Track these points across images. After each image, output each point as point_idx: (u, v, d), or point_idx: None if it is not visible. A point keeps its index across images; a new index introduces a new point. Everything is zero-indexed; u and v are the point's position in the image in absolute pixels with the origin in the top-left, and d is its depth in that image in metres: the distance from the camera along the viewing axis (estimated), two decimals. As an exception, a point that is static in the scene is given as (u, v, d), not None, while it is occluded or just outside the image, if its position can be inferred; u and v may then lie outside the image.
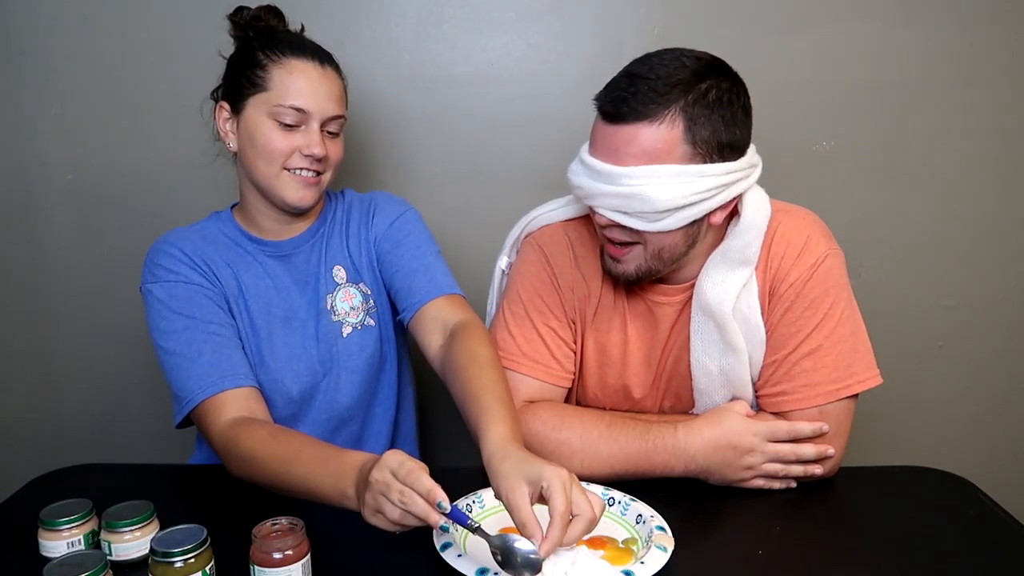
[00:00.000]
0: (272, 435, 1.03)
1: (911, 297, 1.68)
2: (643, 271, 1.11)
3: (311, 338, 1.25)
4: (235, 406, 1.10)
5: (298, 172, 1.19)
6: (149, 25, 1.55)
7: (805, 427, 1.08)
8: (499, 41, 1.58)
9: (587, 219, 1.24)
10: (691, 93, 1.01)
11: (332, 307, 1.27)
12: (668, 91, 1.01)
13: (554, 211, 1.26)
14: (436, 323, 1.20)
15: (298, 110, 1.16)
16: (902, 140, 1.61)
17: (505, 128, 1.61)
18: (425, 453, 1.35)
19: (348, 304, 1.27)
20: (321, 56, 1.20)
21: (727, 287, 1.11)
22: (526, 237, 1.27)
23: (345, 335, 1.26)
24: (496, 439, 0.91)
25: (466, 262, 1.53)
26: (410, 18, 1.56)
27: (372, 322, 1.29)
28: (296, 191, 1.20)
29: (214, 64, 1.53)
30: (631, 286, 1.18)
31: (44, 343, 1.70)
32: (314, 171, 1.20)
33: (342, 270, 1.29)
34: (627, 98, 1.01)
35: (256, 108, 1.18)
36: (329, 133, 1.21)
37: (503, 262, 1.32)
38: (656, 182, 1.01)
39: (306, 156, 1.18)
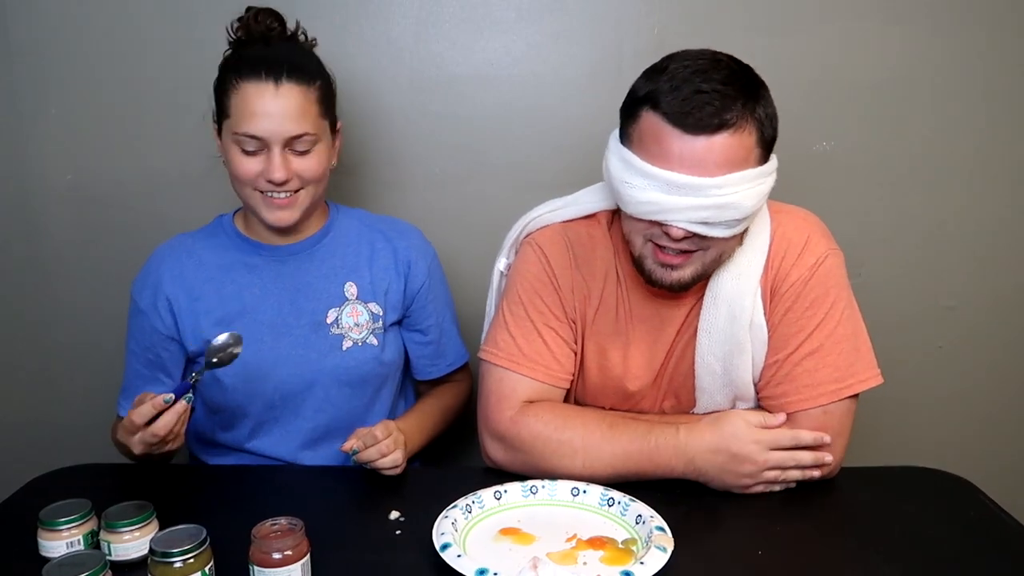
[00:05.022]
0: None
1: (911, 297, 1.68)
2: (698, 275, 1.10)
3: (300, 345, 1.25)
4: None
5: (269, 195, 1.19)
6: (149, 26, 1.54)
7: (807, 436, 1.08)
8: (499, 41, 1.57)
9: (586, 220, 1.24)
10: (757, 97, 1.02)
11: (337, 320, 1.27)
12: (742, 97, 1.00)
13: (552, 212, 1.25)
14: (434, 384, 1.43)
15: (253, 137, 1.15)
16: (902, 140, 1.61)
17: (505, 128, 1.60)
18: (424, 454, 1.35)
19: (353, 320, 1.28)
20: (278, 73, 1.15)
21: (743, 271, 1.13)
22: (525, 238, 1.27)
23: (345, 348, 1.27)
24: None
25: (465, 262, 1.53)
26: (410, 18, 1.56)
27: (375, 341, 1.30)
28: (271, 212, 1.21)
29: (214, 65, 1.53)
30: (680, 292, 1.14)
31: (44, 343, 1.69)
32: (285, 192, 1.19)
33: (354, 287, 1.30)
34: (711, 110, 0.99)
35: (226, 133, 1.19)
36: (298, 152, 1.18)
37: (502, 263, 1.32)
38: (743, 188, 1.01)
39: (268, 182, 1.18)
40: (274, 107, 1.14)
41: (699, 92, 0.99)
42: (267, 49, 1.19)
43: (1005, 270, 1.67)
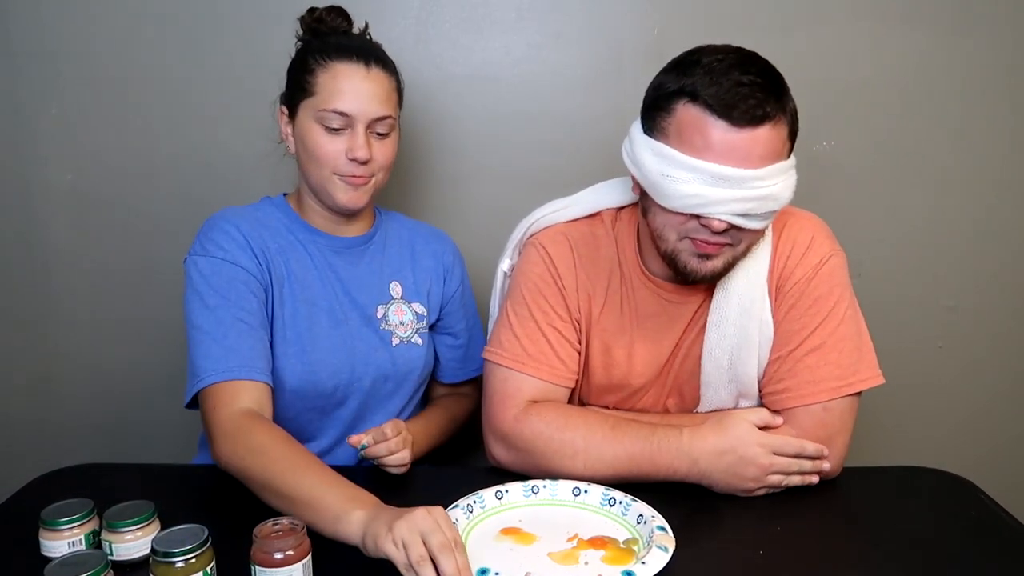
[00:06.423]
0: (288, 439, 1.03)
1: (911, 297, 1.68)
2: (728, 266, 1.11)
3: (354, 336, 1.26)
4: (249, 397, 1.09)
5: (344, 176, 1.21)
6: (150, 25, 1.54)
7: (811, 447, 1.09)
8: (499, 41, 1.57)
9: (589, 219, 1.24)
10: (787, 91, 1.04)
11: (384, 316, 1.29)
12: (776, 90, 1.02)
13: (555, 212, 1.25)
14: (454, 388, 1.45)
15: (341, 114, 1.18)
16: (901, 140, 1.61)
17: (505, 128, 1.61)
18: (430, 454, 1.35)
19: (398, 319, 1.30)
20: (367, 57, 1.20)
21: (751, 266, 1.14)
22: (528, 239, 1.27)
23: (394, 344, 1.29)
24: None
25: (467, 262, 1.53)
26: (410, 18, 1.56)
27: (420, 341, 1.32)
28: (345, 193, 1.22)
29: (214, 64, 1.53)
30: (710, 282, 1.15)
31: (44, 343, 1.69)
32: (361, 173, 1.21)
33: (399, 287, 1.32)
34: (754, 102, 0.99)
35: (305, 113, 1.20)
36: (377, 134, 1.21)
37: (505, 264, 1.32)
38: (781, 179, 1.03)
39: (351, 160, 1.19)
40: (364, 88, 1.18)
41: (740, 84, 0.99)
42: (351, 38, 1.25)
43: (1005, 270, 1.67)
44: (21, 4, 1.54)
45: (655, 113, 1.06)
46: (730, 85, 0.99)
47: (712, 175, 1.00)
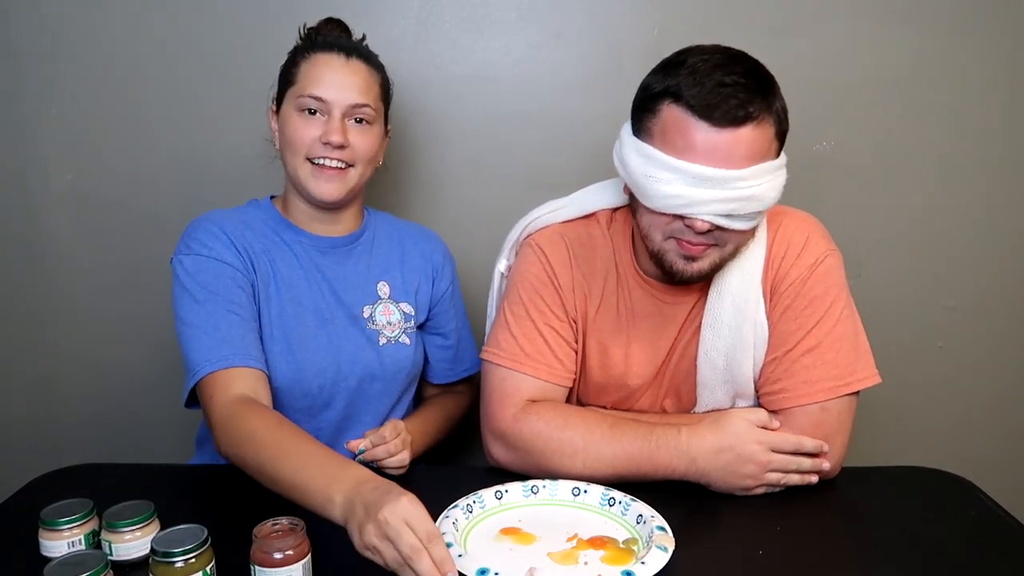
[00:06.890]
0: (279, 422, 1.02)
1: (911, 297, 1.68)
2: (715, 267, 1.11)
3: (340, 336, 1.26)
4: (244, 384, 1.08)
5: (320, 161, 1.21)
6: (151, 25, 1.54)
7: (809, 443, 1.08)
8: (499, 41, 1.57)
9: (585, 220, 1.24)
10: (774, 90, 1.04)
11: (371, 316, 1.29)
12: (762, 90, 1.02)
13: (551, 213, 1.26)
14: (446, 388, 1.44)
15: (317, 99, 1.19)
16: (901, 140, 1.61)
17: (504, 129, 1.61)
18: (429, 454, 1.35)
19: (386, 319, 1.30)
20: (348, 50, 1.23)
21: (746, 266, 1.13)
22: (525, 239, 1.27)
23: (381, 344, 1.28)
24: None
25: (465, 262, 1.53)
26: (410, 18, 1.56)
27: (407, 341, 1.31)
28: (318, 185, 1.22)
29: (214, 65, 1.53)
30: (696, 282, 1.15)
31: (44, 343, 1.69)
32: (336, 159, 1.21)
33: (387, 287, 1.32)
34: (736, 103, 0.99)
35: (288, 103, 1.23)
36: (356, 121, 1.22)
37: (502, 265, 1.32)
38: (766, 180, 1.03)
39: (325, 144, 1.19)
40: (342, 76, 1.21)
41: (723, 85, 0.99)
42: (339, 38, 1.28)
43: (1005, 270, 1.67)
44: (21, 4, 1.54)
45: (642, 114, 1.07)
46: (712, 86, 0.99)
47: (694, 176, 1.01)
